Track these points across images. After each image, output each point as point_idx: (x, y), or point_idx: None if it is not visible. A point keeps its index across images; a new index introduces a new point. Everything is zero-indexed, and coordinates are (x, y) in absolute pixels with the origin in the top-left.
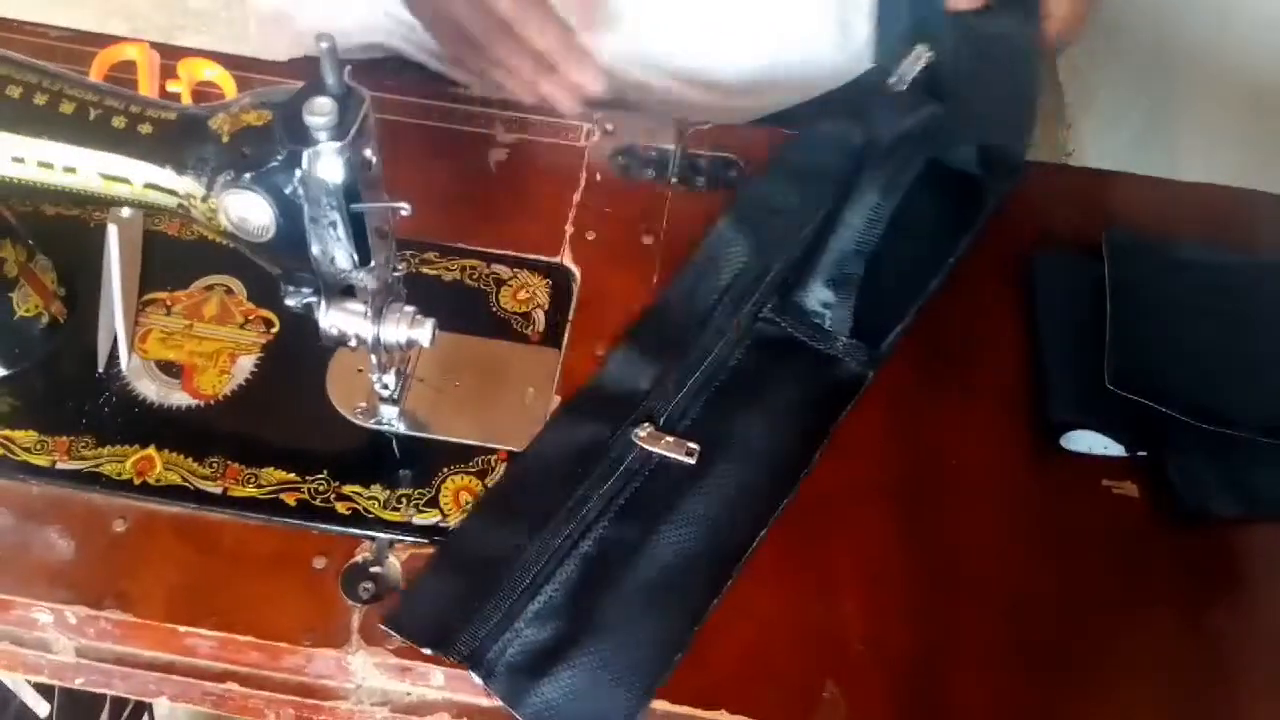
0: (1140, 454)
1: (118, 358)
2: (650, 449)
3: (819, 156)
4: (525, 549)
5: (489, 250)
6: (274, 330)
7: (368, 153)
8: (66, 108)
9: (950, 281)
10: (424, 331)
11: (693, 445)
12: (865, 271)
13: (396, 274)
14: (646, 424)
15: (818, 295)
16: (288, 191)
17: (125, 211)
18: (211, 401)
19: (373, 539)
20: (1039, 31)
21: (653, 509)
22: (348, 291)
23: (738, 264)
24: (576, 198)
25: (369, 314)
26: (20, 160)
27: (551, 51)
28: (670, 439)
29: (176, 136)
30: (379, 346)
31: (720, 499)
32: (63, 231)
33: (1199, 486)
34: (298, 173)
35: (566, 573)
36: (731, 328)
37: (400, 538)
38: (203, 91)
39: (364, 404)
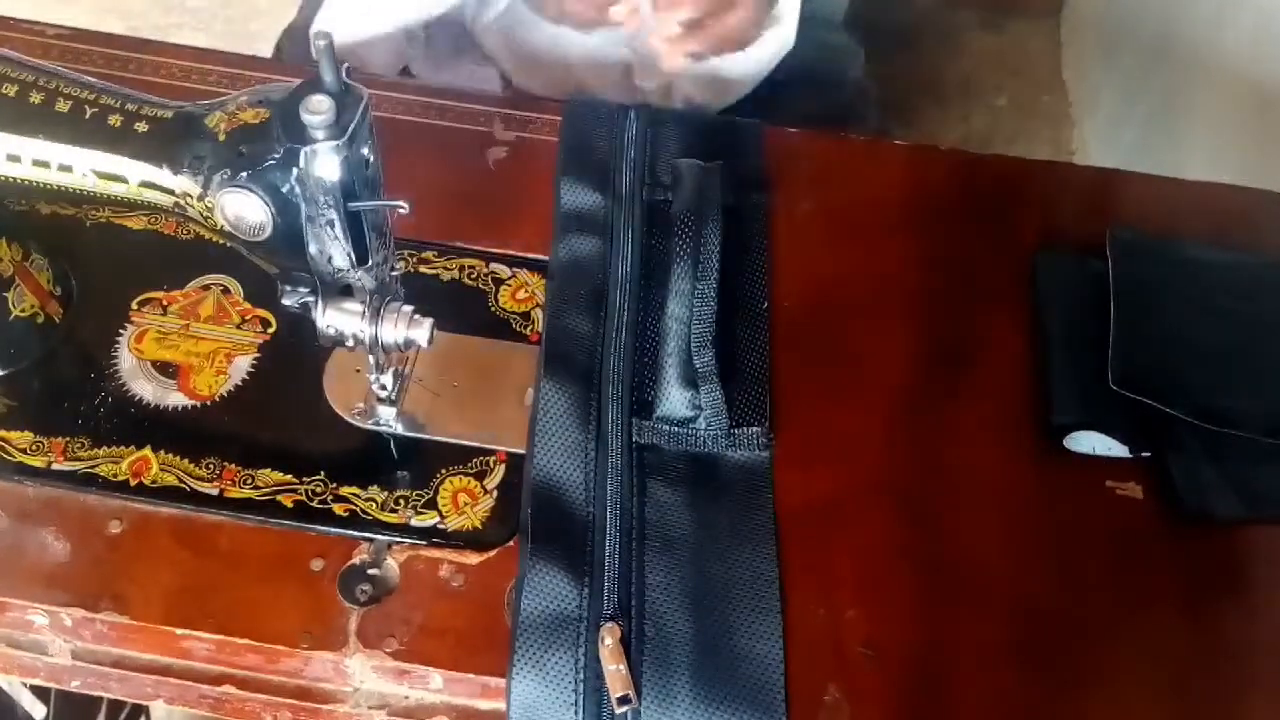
0: (1144, 455)
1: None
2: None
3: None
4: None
5: (488, 249)
6: (271, 330)
7: (365, 151)
8: (62, 106)
9: (953, 281)
10: (422, 331)
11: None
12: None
13: (394, 273)
14: (611, 624)
15: (680, 400)
16: (284, 190)
17: None
18: (208, 402)
19: (370, 540)
20: None
21: None
22: (345, 291)
23: (576, 416)
24: None
25: (366, 314)
26: (16, 159)
27: None
28: (618, 668)
29: (173, 135)
30: (377, 346)
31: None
32: (59, 231)
33: (1202, 487)
34: (295, 171)
35: None
36: (615, 476)
37: (398, 539)
38: (197, 89)
39: (362, 404)
